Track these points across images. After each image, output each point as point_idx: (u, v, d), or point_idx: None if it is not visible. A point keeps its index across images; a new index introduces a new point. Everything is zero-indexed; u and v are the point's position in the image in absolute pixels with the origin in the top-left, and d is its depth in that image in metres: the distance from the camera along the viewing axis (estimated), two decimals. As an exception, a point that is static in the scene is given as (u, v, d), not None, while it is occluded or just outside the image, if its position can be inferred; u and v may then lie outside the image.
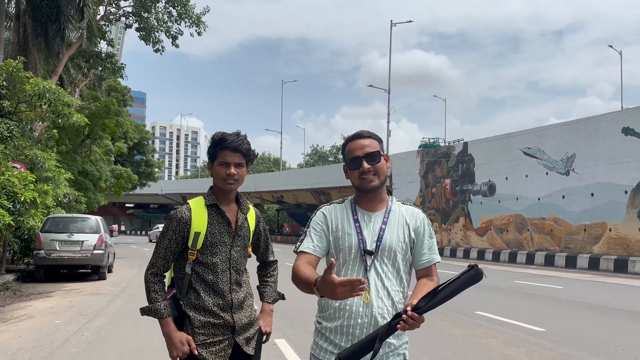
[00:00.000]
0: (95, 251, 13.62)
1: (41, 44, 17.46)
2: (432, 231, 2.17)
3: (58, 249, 13.26)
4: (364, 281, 1.70)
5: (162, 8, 24.55)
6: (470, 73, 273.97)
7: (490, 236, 26.11)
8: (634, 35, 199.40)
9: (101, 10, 23.13)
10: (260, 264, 2.76)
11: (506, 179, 25.35)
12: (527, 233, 23.97)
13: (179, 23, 24.74)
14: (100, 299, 10.41)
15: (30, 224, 11.56)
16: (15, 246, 14.11)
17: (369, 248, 2.06)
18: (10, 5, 18.36)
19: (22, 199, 10.38)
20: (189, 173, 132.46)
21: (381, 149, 2.13)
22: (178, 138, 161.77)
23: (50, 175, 13.99)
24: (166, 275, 2.47)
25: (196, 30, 24.92)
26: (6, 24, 18.57)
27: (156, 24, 24.68)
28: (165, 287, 2.45)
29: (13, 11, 18.75)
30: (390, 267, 2.07)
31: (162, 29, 24.73)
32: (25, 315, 8.50)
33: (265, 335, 2.60)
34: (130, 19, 24.68)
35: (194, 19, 24.58)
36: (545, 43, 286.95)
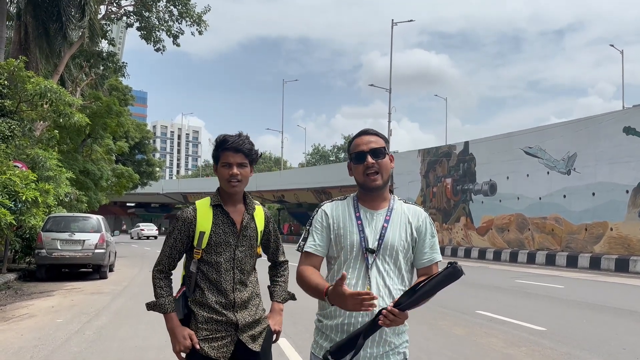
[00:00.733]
0: (96, 250, 13.64)
1: (42, 43, 17.48)
2: (434, 230, 2.18)
3: (59, 248, 13.28)
4: (375, 297, 1.78)
5: (163, 7, 24.54)
6: (470, 72, 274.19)
7: (491, 236, 26.11)
8: (634, 35, 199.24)
9: (102, 9, 23.12)
10: (271, 264, 2.78)
11: (507, 178, 25.34)
12: (528, 232, 23.96)
13: (179, 22, 24.73)
14: (102, 298, 10.43)
15: (31, 223, 11.57)
16: (17, 245, 14.13)
17: (370, 246, 2.06)
18: (12, 5, 18.36)
19: (24, 198, 10.39)
20: (190, 172, 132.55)
21: (386, 147, 2.14)
22: (179, 137, 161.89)
23: (51, 174, 14.01)
24: (172, 273, 2.54)
25: (197, 30, 24.91)
26: (7, 23, 18.60)
27: (157, 23, 24.68)
28: (171, 284, 2.52)
29: (14, 10, 18.77)
30: (391, 266, 2.07)
31: (163, 28, 24.72)
32: (26, 314, 8.51)
33: (275, 334, 2.63)
34: (132, 18, 24.68)
35: (195, 18, 24.56)
36: (546, 43, 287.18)
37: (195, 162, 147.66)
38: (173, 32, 24.67)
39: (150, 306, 2.48)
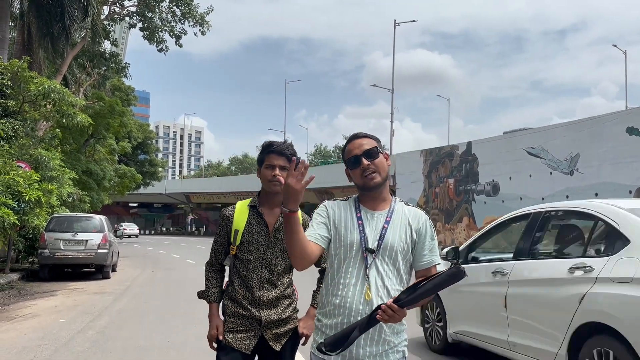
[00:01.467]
0: (99, 250, 13.68)
1: (46, 43, 17.52)
2: (434, 233, 2.19)
3: (62, 248, 13.32)
4: (307, 165, 1.85)
5: (166, 8, 24.61)
6: (473, 72, 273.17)
7: (494, 236, 26.06)
8: (637, 35, 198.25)
9: (105, 10, 23.18)
10: (319, 270, 2.80)
11: (510, 178, 25.30)
12: (531, 233, 23.90)
13: (182, 23, 24.80)
14: (105, 297, 10.46)
15: (34, 223, 11.60)
16: (20, 245, 14.18)
17: (370, 246, 2.07)
18: (15, 5, 18.41)
19: (27, 198, 10.41)
20: (192, 172, 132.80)
21: (379, 146, 2.15)
22: (182, 137, 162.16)
23: (54, 174, 14.03)
24: (221, 266, 2.76)
25: (200, 30, 24.98)
26: (10, 23, 18.65)
27: (160, 24, 24.74)
28: (220, 276, 2.75)
29: (17, 11, 18.83)
30: (390, 266, 2.09)
31: (166, 28, 24.78)
32: (29, 314, 8.54)
33: (304, 338, 2.68)
34: (134, 18, 24.75)
35: (197, 19, 24.62)
36: (548, 42, 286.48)
37: (198, 162, 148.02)
38: (176, 33, 24.74)
39: (199, 295, 2.74)
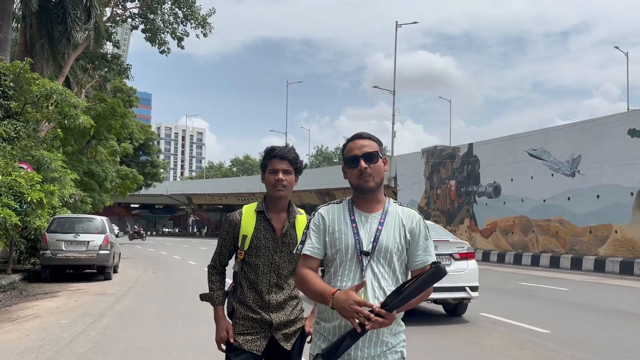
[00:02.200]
0: (100, 251, 13.69)
1: (47, 45, 17.55)
2: (428, 233, 2.18)
3: (64, 249, 13.34)
4: (372, 318, 1.85)
5: (168, 9, 24.63)
6: (475, 74, 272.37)
7: (496, 238, 26.06)
8: (639, 37, 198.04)
9: (107, 11, 23.21)
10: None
11: (511, 180, 25.29)
12: (533, 235, 23.90)
13: (184, 24, 24.81)
14: (106, 299, 10.46)
15: (36, 224, 11.62)
16: (22, 246, 14.20)
17: (365, 249, 2.08)
18: (17, 7, 18.46)
19: (29, 199, 10.43)
20: (194, 174, 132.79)
21: (380, 151, 2.15)
22: (183, 139, 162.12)
23: (56, 175, 14.05)
24: (223, 268, 2.79)
25: (202, 32, 24.99)
26: (13, 25, 18.69)
27: (162, 26, 24.76)
28: (223, 279, 2.77)
29: (19, 12, 18.86)
30: (386, 268, 2.09)
31: (168, 30, 24.80)
32: (31, 314, 8.55)
33: (309, 336, 2.71)
34: (137, 20, 24.77)
35: (199, 21, 24.63)
36: (550, 44, 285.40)
37: (200, 164, 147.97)
38: (178, 35, 24.75)
39: (202, 297, 2.75)
